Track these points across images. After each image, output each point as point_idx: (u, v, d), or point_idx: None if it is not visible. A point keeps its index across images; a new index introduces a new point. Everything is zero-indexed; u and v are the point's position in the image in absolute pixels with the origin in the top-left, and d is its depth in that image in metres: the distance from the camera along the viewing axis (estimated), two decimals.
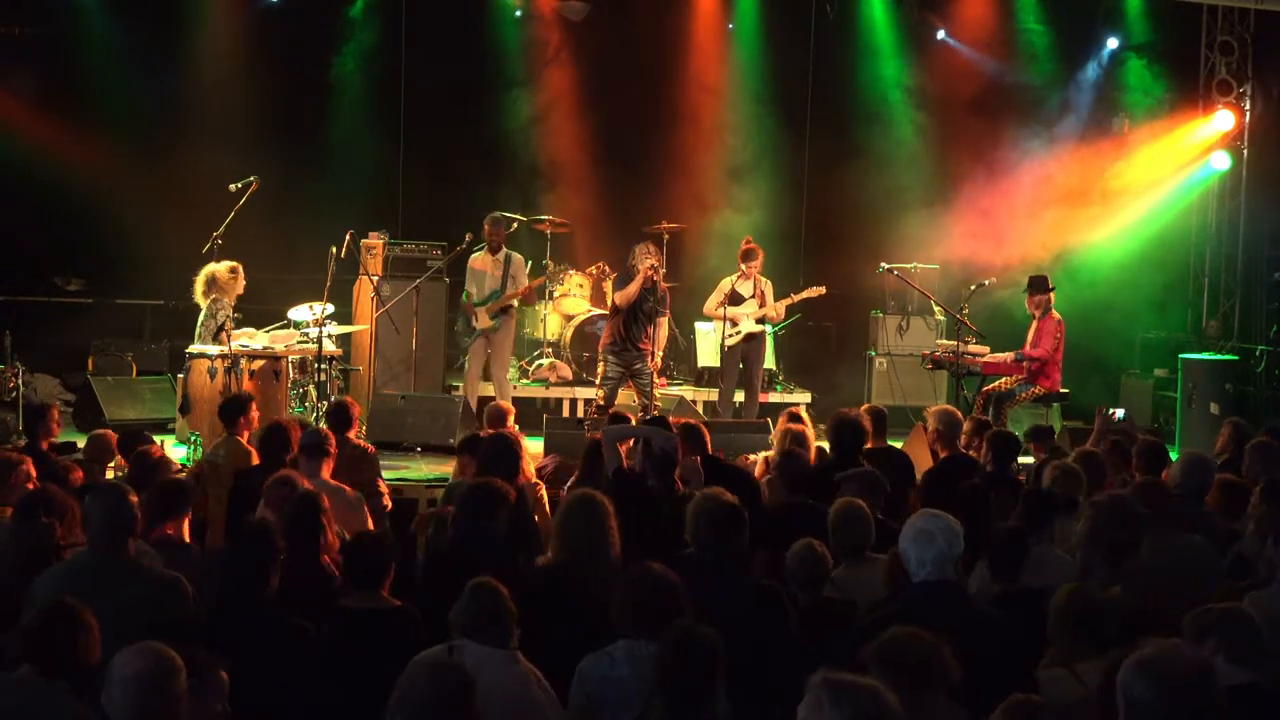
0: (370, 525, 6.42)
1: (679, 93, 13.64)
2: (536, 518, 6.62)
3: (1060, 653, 4.35)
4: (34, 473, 6.12)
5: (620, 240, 12.02)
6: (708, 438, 7.14)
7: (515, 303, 11.38)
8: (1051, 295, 10.72)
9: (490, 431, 8.25)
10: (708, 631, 3.90)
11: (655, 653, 3.92)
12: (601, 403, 10.41)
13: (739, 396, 11.35)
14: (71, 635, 3.85)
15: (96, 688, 3.65)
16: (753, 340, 11.26)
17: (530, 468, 7.07)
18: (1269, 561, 5.02)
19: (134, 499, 4.82)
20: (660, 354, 11.42)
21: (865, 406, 8.28)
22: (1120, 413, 9.85)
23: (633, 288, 10.44)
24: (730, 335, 11.10)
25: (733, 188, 13.14)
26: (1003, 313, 12.05)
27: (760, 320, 11.26)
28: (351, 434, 7.66)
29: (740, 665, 4.35)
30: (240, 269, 10.21)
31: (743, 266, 11.13)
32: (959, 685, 3.66)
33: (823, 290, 11.53)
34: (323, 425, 7.71)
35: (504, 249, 11.28)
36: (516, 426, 8.30)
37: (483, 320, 11.17)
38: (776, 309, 11.27)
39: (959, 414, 7.81)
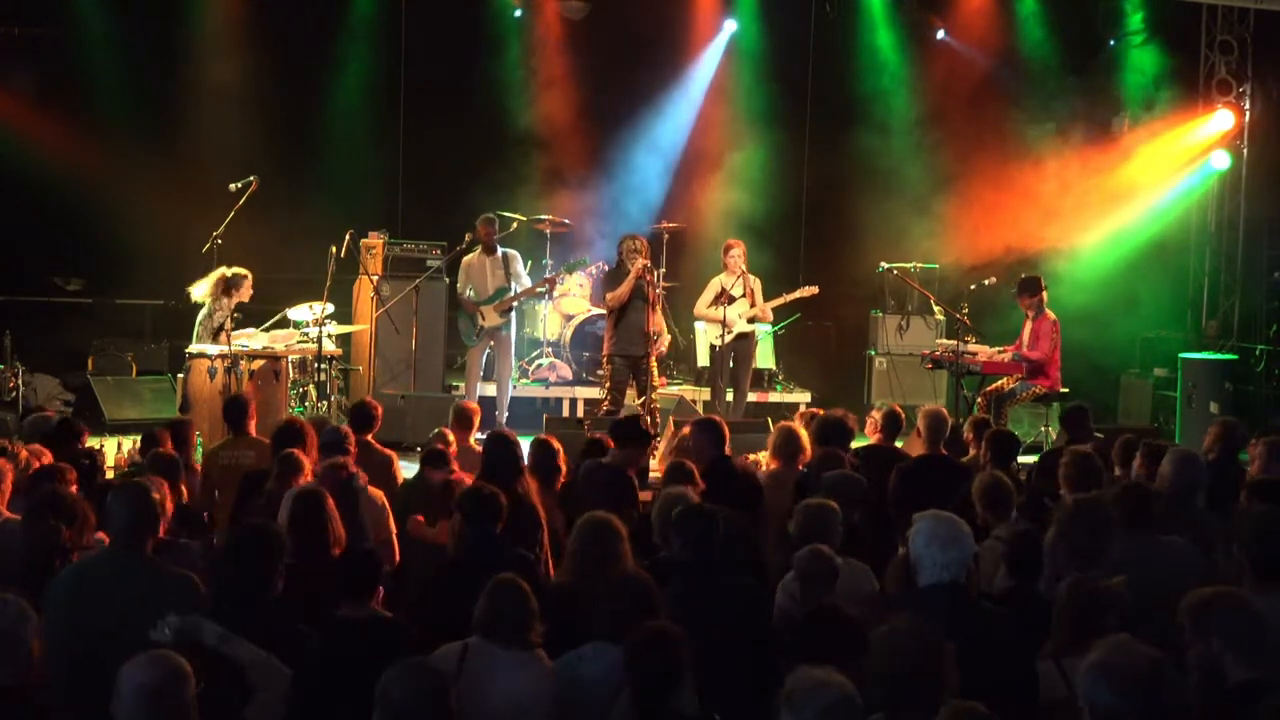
0: (392, 528, 6.40)
1: (679, 92, 13.66)
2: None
3: (1056, 645, 4.34)
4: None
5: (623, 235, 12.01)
6: (727, 435, 7.08)
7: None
8: (1044, 295, 10.72)
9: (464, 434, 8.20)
10: (673, 629, 3.97)
11: (624, 650, 3.98)
12: (610, 406, 10.38)
13: (728, 396, 11.36)
14: None
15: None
16: (743, 340, 11.27)
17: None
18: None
19: (157, 497, 4.81)
20: (665, 344, 11.35)
21: (881, 409, 8.23)
22: None
23: (624, 289, 10.42)
24: (725, 335, 11.09)
25: (732, 187, 13.12)
26: (1003, 313, 12.05)
27: (751, 320, 11.27)
28: (370, 436, 7.51)
29: (720, 663, 4.38)
30: (248, 278, 10.21)
31: (726, 261, 11.19)
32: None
33: (815, 290, 11.55)
34: (343, 425, 7.43)
35: (498, 247, 11.29)
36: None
37: (491, 319, 11.16)
38: (764, 309, 11.29)
39: (947, 415, 7.76)
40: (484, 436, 8.22)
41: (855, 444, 7.62)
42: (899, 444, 7.99)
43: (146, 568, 4.66)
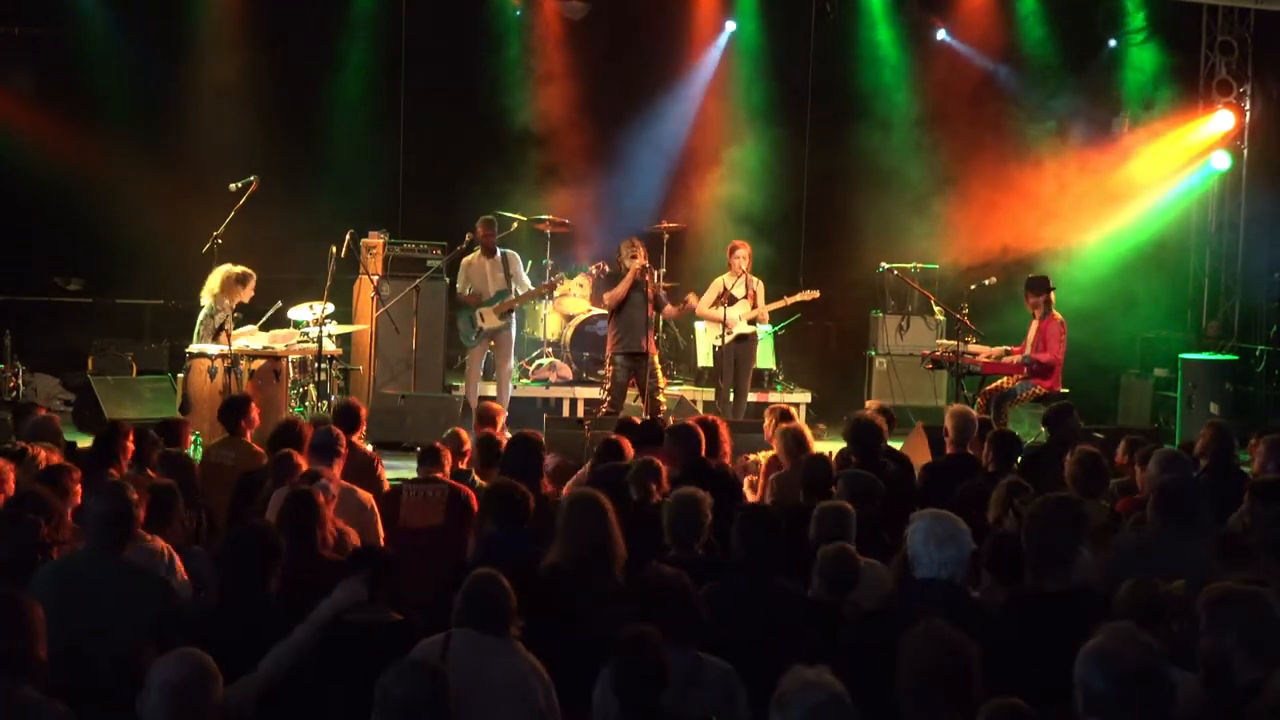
0: (380, 531, 6.38)
1: (679, 92, 13.66)
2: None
3: None
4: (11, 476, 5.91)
5: (621, 240, 12.03)
6: (702, 440, 7.08)
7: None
8: (1052, 295, 10.69)
9: (488, 431, 8.23)
10: (652, 632, 3.98)
11: (608, 655, 4.00)
12: (609, 408, 10.37)
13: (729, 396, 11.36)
14: (14, 627, 3.83)
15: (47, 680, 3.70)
16: (744, 341, 11.27)
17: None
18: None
19: (134, 497, 4.81)
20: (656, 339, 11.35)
21: (874, 406, 8.25)
22: None
23: (620, 288, 10.43)
24: (725, 336, 11.09)
25: (732, 187, 13.11)
26: (1003, 313, 12.05)
27: (751, 321, 11.27)
28: (356, 436, 7.51)
29: (755, 667, 4.38)
30: (253, 277, 10.20)
31: (730, 261, 11.19)
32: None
33: (816, 294, 11.55)
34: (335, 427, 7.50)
35: (498, 248, 11.30)
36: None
37: (490, 320, 11.15)
38: (763, 311, 11.29)
39: (974, 415, 7.76)
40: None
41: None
42: (896, 445, 7.99)
43: (120, 568, 4.66)
